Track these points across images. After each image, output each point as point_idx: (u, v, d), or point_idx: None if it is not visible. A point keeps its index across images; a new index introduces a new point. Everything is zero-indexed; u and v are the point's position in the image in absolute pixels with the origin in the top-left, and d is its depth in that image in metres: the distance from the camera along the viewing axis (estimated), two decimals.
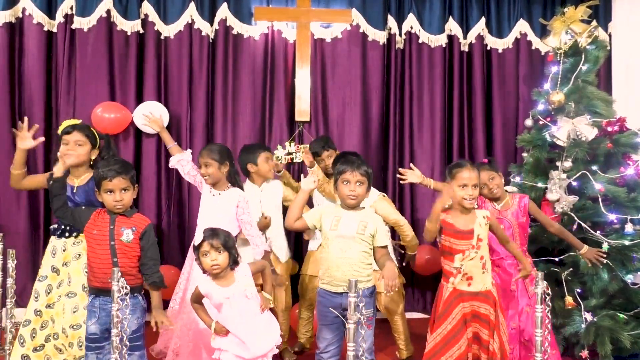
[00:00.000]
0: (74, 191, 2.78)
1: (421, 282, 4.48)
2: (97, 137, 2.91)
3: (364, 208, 2.65)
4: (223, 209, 3.05)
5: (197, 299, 2.50)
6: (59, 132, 2.94)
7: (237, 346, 2.44)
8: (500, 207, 3.13)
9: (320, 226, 2.60)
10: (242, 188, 3.18)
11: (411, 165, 3.31)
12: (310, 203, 3.87)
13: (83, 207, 2.62)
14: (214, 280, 2.43)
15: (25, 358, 2.71)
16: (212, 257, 2.38)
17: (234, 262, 2.44)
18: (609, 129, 3.51)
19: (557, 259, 3.47)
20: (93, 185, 2.65)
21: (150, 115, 3.71)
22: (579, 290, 3.37)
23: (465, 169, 2.63)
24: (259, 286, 2.61)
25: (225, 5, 4.30)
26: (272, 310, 2.73)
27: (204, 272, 2.46)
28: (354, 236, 2.52)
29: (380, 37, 4.45)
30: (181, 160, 3.23)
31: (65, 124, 2.98)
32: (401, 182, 3.27)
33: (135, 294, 2.42)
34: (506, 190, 3.24)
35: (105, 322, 2.37)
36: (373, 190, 3.27)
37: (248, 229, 3.04)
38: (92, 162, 2.88)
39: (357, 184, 2.55)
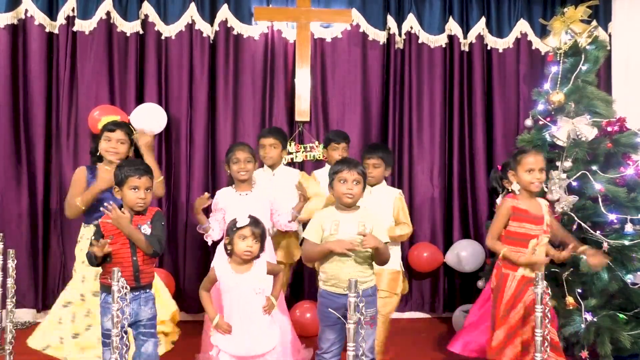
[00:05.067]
0: None
1: (419, 281, 4.49)
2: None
3: (359, 207, 2.66)
4: (254, 208, 3.05)
5: (209, 285, 2.58)
6: (99, 127, 3.11)
7: (234, 345, 2.47)
8: None
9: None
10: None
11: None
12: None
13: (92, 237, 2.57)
14: (231, 263, 2.52)
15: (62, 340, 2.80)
16: (249, 244, 2.48)
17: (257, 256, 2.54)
18: (609, 129, 3.51)
19: None
20: None
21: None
22: (579, 290, 3.37)
23: (530, 153, 2.70)
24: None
25: (225, 6, 4.31)
26: None
27: (229, 253, 2.52)
28: (354, 238, 2.52)
29: (380, 37, 4.46)
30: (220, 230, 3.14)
31: (106, 120, 3.14)
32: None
33: (148, 290, 2.52)
34: None
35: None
36: (392, 188, 3.41)
37: (282, 220, 3.18)
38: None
39: (354, 183, 2.56)
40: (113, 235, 2.44)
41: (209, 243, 3.15)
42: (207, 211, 3.17)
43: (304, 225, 2.99)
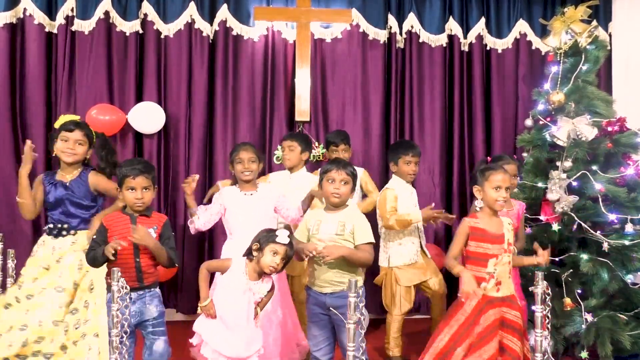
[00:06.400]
0: (68, 184, 2.85)
1: None
2: (94, 136, 2.96)
3: (347, 206, 2.64)
4: (260, 208, 3.07)
5: (214, 269, 2.59)
6: (56, 125, 2.94)
7: (219, 339, 2.46)
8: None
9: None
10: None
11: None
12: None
13: (94, 232, 2.57)
14: (247, 267, 2.51)
15: None
16: (277, 261, 2.45)
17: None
18: (609, 129, 3.51)
19: (557, 259, 3.47)
20: (85, 177, 2.84)
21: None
22: (579, 291, 3.37)
23: (499, 171, 2.61)
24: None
25: (225, 6, 4.30)
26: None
27: (250, 257, 2.50)
28: (333, 238, 2.52)
29: (381, 36, 4.45)
30: (206, 222, 3.10)
31: (64, 118, 2.96)
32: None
33: (153, 289, 2.52)
34: None
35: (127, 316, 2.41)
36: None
37: (292, 214, 3.15)
38: (85, 161, 2.96)
39: (342, 183, 2.57)
40: (126, 242, 2.40)
41: (192, 231, 3.11)
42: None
43: None
